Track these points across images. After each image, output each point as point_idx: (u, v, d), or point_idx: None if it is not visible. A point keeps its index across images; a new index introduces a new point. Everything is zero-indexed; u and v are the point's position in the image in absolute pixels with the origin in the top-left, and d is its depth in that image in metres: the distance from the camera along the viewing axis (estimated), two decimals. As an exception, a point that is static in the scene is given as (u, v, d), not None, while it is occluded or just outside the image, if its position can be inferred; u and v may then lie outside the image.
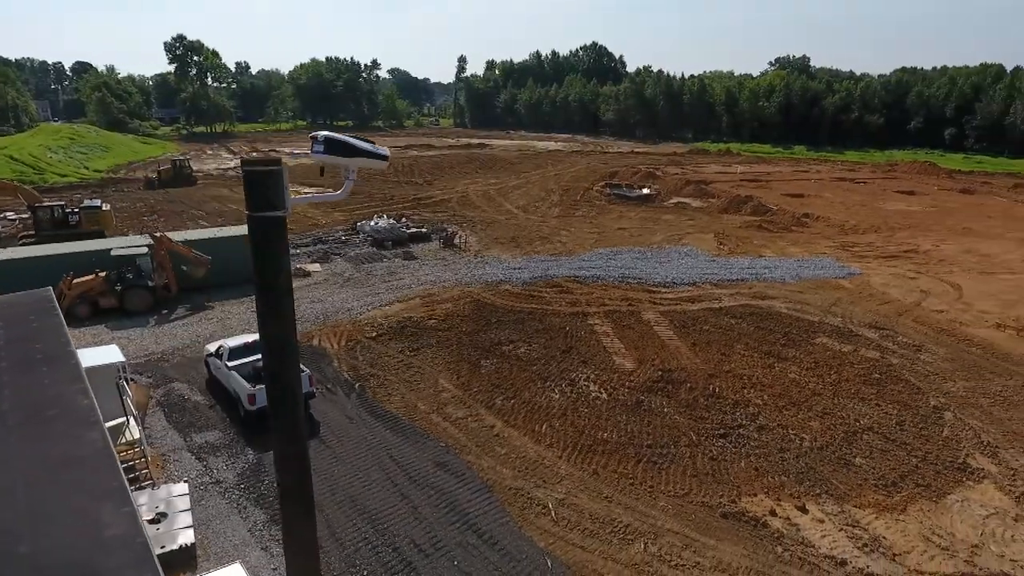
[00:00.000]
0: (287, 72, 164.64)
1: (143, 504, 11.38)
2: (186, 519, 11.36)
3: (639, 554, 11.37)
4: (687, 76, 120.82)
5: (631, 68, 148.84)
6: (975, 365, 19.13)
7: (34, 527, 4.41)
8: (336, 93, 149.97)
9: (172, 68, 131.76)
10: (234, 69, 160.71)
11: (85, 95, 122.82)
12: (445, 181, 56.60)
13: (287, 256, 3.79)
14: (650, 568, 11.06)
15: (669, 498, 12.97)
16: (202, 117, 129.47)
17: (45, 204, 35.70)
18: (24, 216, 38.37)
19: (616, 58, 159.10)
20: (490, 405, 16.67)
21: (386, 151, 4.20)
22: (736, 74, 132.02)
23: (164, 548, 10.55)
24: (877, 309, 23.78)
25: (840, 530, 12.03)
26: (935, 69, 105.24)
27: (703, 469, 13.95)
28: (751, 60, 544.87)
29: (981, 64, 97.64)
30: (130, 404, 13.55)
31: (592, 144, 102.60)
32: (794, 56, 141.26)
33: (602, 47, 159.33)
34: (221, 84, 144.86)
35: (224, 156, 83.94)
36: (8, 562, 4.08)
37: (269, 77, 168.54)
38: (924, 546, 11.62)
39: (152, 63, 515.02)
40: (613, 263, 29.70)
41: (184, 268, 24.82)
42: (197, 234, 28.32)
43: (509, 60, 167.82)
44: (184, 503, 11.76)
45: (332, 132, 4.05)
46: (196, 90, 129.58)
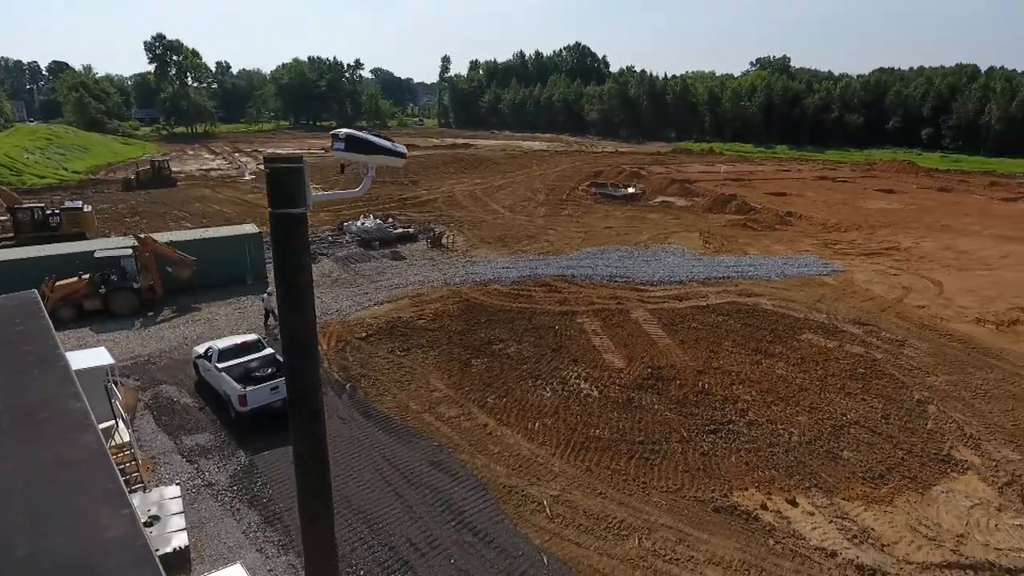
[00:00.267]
0: (269, 72, 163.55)
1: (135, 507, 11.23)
2: (179, 522, 11.26)
3: (634, 549, 11.48)
4: (670, 76, 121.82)
5: (614, 68, 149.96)
6: (957, 359, 19.52)
7: (33, 529, 4.36)
8: (319, 93, 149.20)
9: (152, 68, 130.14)
10: (215, 69, 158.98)
11: (62, 95, 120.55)
12: (431, 181, 56.44)
13: (308, 253, 3.79)
14: (645, 563, 11.17)
15: (662, 493, 13.10)
16: (183, 117, 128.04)
17: (24, 206, 35.07)
18: (2, 218, 37.66)
19: (599, 58, 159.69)
20: (482, 404, 16.69)
21: (404, 148, 4.22)
22: (718, 74, 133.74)
23: (158, 551, 10.41)
24: (860, 305, 24.17)
25: (830, 522, 12.24)
26: (912, 69, 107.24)
27: (694, 464, 14.09)
28: (732, 60, 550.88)
29: (957, 64, 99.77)
30: (119, 407, 13.39)
31: (576, 144, 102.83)
32: (775, 56, 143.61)
33: (585, 47, 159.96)
34: (202, 84, 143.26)
35: (205, 156, 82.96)
36: (8, 564, 4.03)
37: (251, 77, 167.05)
38: (911, 536, 11.86)
39: (131, 63, 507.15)
40: (600, 262, 29.85)
41: (169, 270, 24.52)
42: (181, 235, 27.98)
43: (493, 60, 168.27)
44: (177, 506, 11.66)
45: (351, 130, 4.06)
46: (176, 90, 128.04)
